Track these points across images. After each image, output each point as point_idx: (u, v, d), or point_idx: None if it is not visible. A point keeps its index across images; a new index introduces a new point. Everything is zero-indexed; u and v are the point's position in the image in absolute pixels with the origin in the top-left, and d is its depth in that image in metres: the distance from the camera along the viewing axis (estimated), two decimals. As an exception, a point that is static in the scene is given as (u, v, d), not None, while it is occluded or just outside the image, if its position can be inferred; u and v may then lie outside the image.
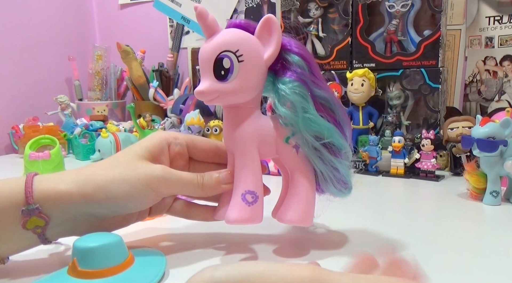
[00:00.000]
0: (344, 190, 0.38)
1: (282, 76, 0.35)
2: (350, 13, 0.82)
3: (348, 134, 0.37)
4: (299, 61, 0.35)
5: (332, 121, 0.36)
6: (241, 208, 0.35)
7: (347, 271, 0.22)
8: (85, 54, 1.25)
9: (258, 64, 0.35)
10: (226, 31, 0.35)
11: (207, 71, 0.34)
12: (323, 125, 0.35)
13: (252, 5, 1.10)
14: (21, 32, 1.14)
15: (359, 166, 0.75)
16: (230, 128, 0.36)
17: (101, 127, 0.98)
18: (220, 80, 0.34)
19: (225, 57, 0.34)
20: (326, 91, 0.36)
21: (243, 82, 0.35)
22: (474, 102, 0.91)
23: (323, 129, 0.35)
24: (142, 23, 1.29)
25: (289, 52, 0.36)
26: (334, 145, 0.36)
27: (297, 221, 0.37)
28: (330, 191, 0.38)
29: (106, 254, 0.30)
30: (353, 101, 0.79)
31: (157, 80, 1.10)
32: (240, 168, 0.36)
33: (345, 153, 0.37)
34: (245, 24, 0.36)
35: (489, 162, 0.52)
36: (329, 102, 0.36)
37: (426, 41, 0.76)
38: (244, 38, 0.35)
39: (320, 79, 0.36)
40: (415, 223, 0.48)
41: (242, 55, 0.34)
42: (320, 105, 0.35)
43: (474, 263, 0.37)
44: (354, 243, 0.41)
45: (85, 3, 1.35)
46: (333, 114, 0.36)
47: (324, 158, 0.36)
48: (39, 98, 1.17)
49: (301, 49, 0.36)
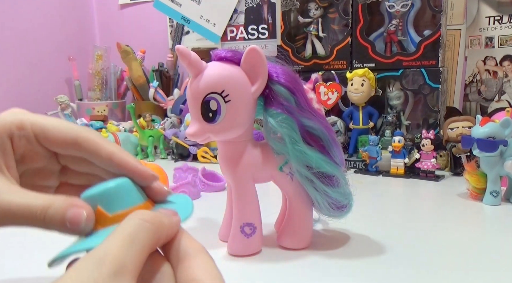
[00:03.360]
0: (340, 214, 0.39)
1: (269, 107, 0.35)
2: (350, 13, 0.82)
3: (339, 160, 0.37)
4: (285, 93, 0.35)
5: (320, 150, 0.36)
6: (241, 240, 0.38)
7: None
8: (85, 54, 1.25)
9: (245, 100, 0.35)
10: (210, 68, 0.34)
11: (195, 113, 0.35)
12: (312, 156, 0.35)
13: (252, 5, 1.10)
14: (21, 32, 1.13)
15: (359, 166, 0.75)
16: (224, 162, 0.37)
17: (101, 128, 0.98)
18: (209, 122, 0.34)
19: (211, 100, 0.34)
20: (314, 120, 0.36)
21: (232, 121, 0.35)
22: (474, 102, 0.91)
23: (312, 160, 0.35)
24: (142, 23, 1.29)
25: (275, 83, 0.35)
26: (325, 173, 0.36)
27: (293, 247, 0.39)
28: (327, 215, 0.39)
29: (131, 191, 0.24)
30: (353, 101, 0.79)
31: (157, 80, 1.09)
32: (237, 200, 0.37)
33: (337, 179, 0.37)
34: (230, 56, 0.35)
35: (489, 162, 0.52)
36: (317, 131, 0.36)
37: (426, 41, 0.76)
38: (229, 76, 0.34)
39: (308, 108, 0.36)
40: (415, 222, 0.48)
41: (228, 95, 0.34)
42: (308, 134, 0.35)
43: (474, 262, 0.37)
44: (354, 242, 0.41)
45: (85, 3, 1.35)
46: (321, 142, 0.36)
47: (316, 186, 0.36)
48: (39, 98, 1.17)
49: (288, 79, 0.35)
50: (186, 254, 0.21)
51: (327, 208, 0.37)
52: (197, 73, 0.34)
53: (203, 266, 0.20)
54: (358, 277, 0.34)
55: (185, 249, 0.21)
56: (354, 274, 0.35)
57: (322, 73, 0.84)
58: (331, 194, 0.36)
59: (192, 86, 0.34)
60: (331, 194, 0.36)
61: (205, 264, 0.20)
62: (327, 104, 0.80)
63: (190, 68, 0.34)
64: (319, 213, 0.40)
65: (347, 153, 0.80)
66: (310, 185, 0.36)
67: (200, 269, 0.20)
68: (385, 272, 0.35)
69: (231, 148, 0.37)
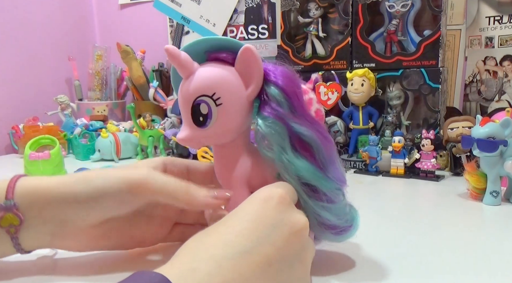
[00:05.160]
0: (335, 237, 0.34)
1: (261, 111, 0.32)
2: (350, 13, 0.82)
3: (333, 175, 0.33)
4: (279, 96, 0.32)
5: (310, 160, 0.32)
6: None
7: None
8: (85, 54, 1.25)
9: (238, 104, 0.32)
10: (202, 70, 0.32)
11: (186, 117, 0.33)
12: (299, 166, 0.31)
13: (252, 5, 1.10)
14: (21, 32, 1.13)
15: (359, 166, 0.75)
16: (219, 167, 0.35)
17: (101, 127, 0.98)
18: (200, 126, 0.32)
19: (201, 103, 0.31)
20: (306, 126, 0.32)
21: (224, 125, 0.32)
22: (474, 102, 0.91)
23: (302, 171, 0.31)
24: (142, 23, 1.29)
25: (270, 83, 0.32)
26: (314, 187, 0.32)
27: None
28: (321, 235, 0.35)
29: None
30: (353, 101, 0.79)
31: (157, 80, 1.09)
32: (232, 206, 0.34)
33: (328, 196, 0.32)
34: (224, 56, 0.33)
35: (489, 162, 0.52)
36: (307, 138, 0.32)
37: (426, 41, 0.76)
38: (220, 78, 0.32)
39: (303, 114, 0.33)
40: (415, 223, 0.48)
41: (219, 98, 0.31)
42: (300, 142, 0.32)
43: (474, 263, 0.37)
44: (354, 242, 0.41)
45: (85, 3, 1.35)
46: (314, 153, 0.32)
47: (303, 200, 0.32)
48: (39, 98, 1.17)
49: (285, 81, 0.32)
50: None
51: (317, 227, 0.33)
52: (188, 75, 0.32)
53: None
54: (357, 277, 0.34)
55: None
56: (353, 274, 0.35)
57: (322, 73, 0.84)
58: (319, 212, 0.32)
59: (182, 89, 0.32)
60: (319, 212, 0.32)
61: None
62: (327, 104, 0.80)
63: (180, 69, 0.32)
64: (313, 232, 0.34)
65: (347, 153, 0.80)
66: (300, 197, 0.32)
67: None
68: (384, 272, 0.35)
69: (225, 152, 0.34)
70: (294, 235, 0.27)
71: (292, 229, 0.27)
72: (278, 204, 0.28)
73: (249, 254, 0.25)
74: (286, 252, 0.26)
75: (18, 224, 0.32)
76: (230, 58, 0.33)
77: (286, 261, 0.26)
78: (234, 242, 0.25)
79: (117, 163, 0.86)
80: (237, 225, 0.26)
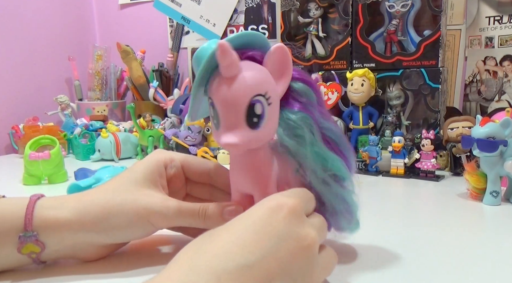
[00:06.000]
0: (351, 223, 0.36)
1: (288, 106, 0.32)
2: (350, 13, 0.82)
3: (353, 165, 0.36)
4: (306, 89, 0.33)
5: (337, 153, 0.34)
6: None
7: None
8: (85, 54, 1.25)
9: (277, 102, 0.32)
10: (248, 68, 0.30)
11: (236, 119, 0.30)
12: (329, 158, 0.33)
13: (252, 5, 1.10)
14: (21, 32, 1.14)
15: (359, 166, 0.75)
16: (245, 173, 0.33)
17: (101, 127, 0.98)
18: (253, 128, 0.30)
19: (257, 103, 0.30)
20: (331, 122, 0.34)
21: (271, 125, 0.31)
22: (474, 102, 0.91)
23: (329, 162, 0.33)
24: (142, 23, 1.29)
25: (294, 79, 0.33)
26: (338, 176, 0.34)
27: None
28: (338, 224, 0.36)
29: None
30: (353, 101, 0.79)
31: (157, 80, 1.09)
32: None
33: (347, 184, 0.35)
34: (258, 55, 0.32)
35: (489, 162, 0.52)
36: (334, 134, 0.34)
37: (426, 41, 0.76)
38: (267, 76, 0.31)
39: (323, 106, 0.34)
40: (415, 223, 0.48)
41: (270, 98, 0.30)
42: (325, 137, 0.33)
43: (474, 263, 0.37)
44: (353, 242, 0.41)
45: (85, 3, 1.35)
46: (337, 146, 0.34)
47: (332, 189, 0.34)
48: (39, 98, 1.17)
49: (305, 76, 0.34)
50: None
51: (341, 212, 0.35)
52: (235, 74, 0.30)
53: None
54: (356, 276, 0.34)
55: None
56: (353, 274, 0.35)
57: (322, 73, 0.84)
58: (347, 198, 0.35)
59: (231, 89, 0.29)
60: (346, 198, 0.35)
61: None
62: (327, 104, 0.80)
63: (230, 68, 0.29)
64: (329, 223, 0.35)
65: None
66: (327, 189, 0.33)
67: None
68: (384, 272, 0.35)
69: (255, 156, 0.33)
70: (301, 250, 0.26)
71: (298, 243, 0.26)
72: (287, 215, 0.26)
73: (250, 268, 0.24)
74: (290, 267, 0.25)
75: (39, 252, 0.34)
76: (261, 57, 0.32)
77: (289, 277, 0.25)
78: (236, 254, 0.24)
79: (117, 163, 0.86)
80: (241, 235, 0.25)
